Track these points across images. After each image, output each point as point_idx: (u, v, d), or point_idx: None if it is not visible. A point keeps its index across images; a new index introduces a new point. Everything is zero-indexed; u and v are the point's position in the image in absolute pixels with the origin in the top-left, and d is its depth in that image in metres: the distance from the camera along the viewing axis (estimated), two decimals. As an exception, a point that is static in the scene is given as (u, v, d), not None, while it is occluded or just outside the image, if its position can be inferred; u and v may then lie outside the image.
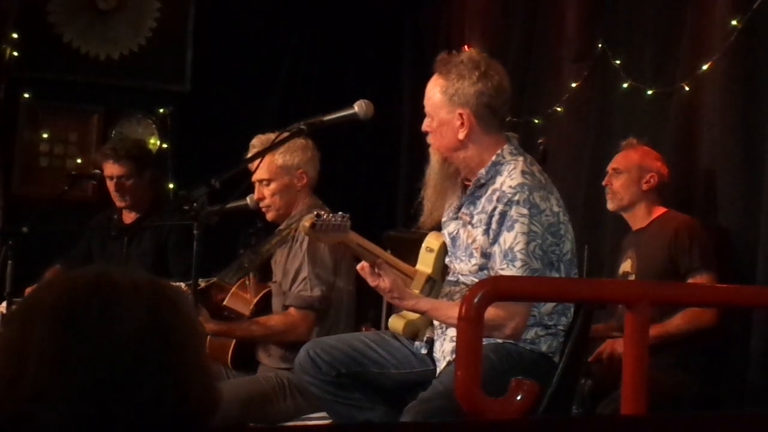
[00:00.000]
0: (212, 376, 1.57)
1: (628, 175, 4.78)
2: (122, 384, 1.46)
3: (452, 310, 3.26)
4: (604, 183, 4.86)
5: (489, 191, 3.48)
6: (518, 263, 3.36)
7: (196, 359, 1.53)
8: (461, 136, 3.51)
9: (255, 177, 4.50)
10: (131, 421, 1.46)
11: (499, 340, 3.39)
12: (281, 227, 4.53)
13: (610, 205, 4.86)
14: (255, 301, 4.54)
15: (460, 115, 3.49)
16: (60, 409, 1.44)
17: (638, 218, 4.82)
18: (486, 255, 3.46)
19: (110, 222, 5.64)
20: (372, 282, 3.47)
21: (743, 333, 4.59)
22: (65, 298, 1.50)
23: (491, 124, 3.54)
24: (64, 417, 1.44)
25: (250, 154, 4.29)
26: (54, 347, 1.46)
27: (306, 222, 3.36)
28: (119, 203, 5.54)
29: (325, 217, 3.32)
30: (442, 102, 3.51)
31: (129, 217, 5.59)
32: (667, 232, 4.64)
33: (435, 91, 3.53)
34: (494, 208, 3.43)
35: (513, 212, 3.38)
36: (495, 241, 3.42)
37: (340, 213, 3.35)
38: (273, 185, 4.51)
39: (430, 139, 3.60)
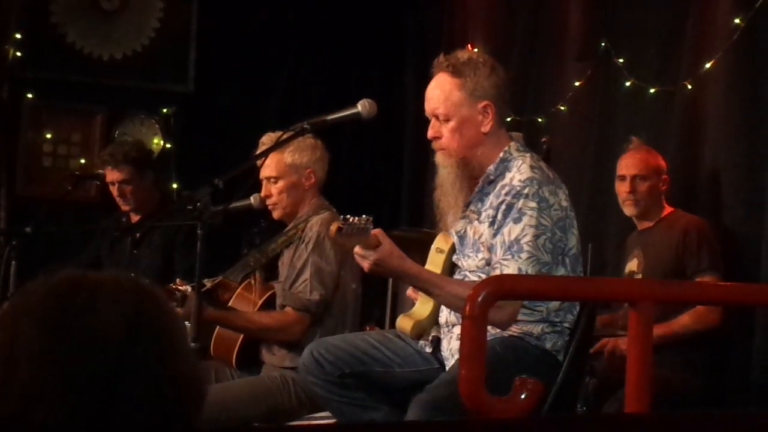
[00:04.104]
0: (197, 363, 1.61)
1: (651, 182, 4.76)
2: (114, 374, 1.47)
3: (458, 287, 3.32)
4: (627, 191, 4.77)
5: (498, 187, 3.46)
6: (524, 255, 3.33)
7: (182, 347, 1.56)
8: (485, 129, 3.50)
9: (263, 174, 4.49)
10: (127, 410, 1.47)
11: (505, 334, 3.39)
12: (288, 227, 4.52)
13: (631, 211, 4.81)
14: (260, 303, 4.53)
15: (484, 107, 3.49)
16: (56, 405, 1.46)
17: (649, 219, 4.81)
18: (491, 248, 3.45)
19: (119, 224, 5.61)
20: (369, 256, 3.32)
21: (747, 332, 4.59)
22: (50, 297, 1.51)
23: (503, 117, 3.58)
24: (60, 413, 1.45)
25: (258, 152, 4.27)
26: (42, 345, 1.48)
27: (332, 227, 3.30)
28: (124, 207, 5.52)
29: (351, 221, 3.27)
30: (462, 99, 3.48)
31: (137, 219, 5.56)
32: (675, 232, 4.63)
33: (450, 90, 3.49)
34: (501, 201, 3.41)
35: (521, 204, 3.37)
36: (498, 231, 3.40)
37: (364, 216, 3.30)
38: (280, 183, 4.50)
39: (441, 144, 3.53)
